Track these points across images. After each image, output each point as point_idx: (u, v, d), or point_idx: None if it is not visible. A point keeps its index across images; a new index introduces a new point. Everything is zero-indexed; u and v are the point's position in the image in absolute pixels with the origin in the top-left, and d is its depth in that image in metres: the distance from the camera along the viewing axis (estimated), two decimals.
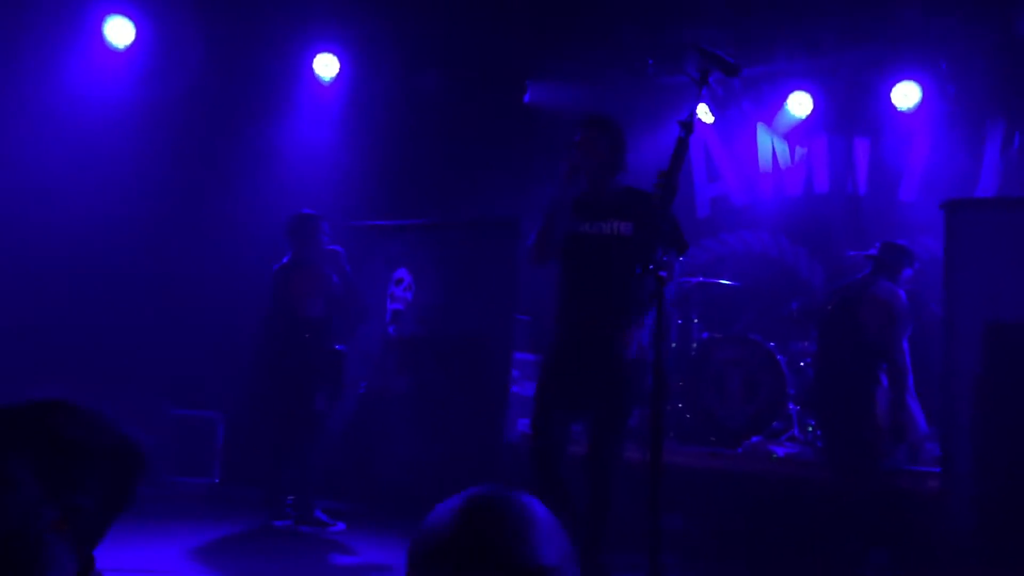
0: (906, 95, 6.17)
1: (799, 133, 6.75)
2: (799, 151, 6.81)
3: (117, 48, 6.17)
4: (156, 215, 6.30)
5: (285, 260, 5.21)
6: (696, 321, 6.04)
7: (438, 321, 6.08)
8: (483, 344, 5.84)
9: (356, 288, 5.38)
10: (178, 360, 6.24)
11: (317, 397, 5.12)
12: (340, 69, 6.78)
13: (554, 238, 3.63)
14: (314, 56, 6.72)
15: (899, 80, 6.17)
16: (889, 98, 6.23)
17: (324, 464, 5.38)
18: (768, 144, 6.89)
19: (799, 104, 6.56)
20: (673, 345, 5.89)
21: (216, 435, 6.34)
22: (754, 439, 5.27)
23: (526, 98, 7.27)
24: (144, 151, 6.21)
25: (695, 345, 5.92)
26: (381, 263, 6.37)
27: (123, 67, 6.24)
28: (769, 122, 6.82)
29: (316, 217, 5.23)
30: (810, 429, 5.37)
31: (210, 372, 6.28)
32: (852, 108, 6.50)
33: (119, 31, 6.15)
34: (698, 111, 2.83)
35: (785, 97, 6.59)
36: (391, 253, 6.39)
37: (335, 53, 6.75)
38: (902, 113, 6.24)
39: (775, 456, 5.09)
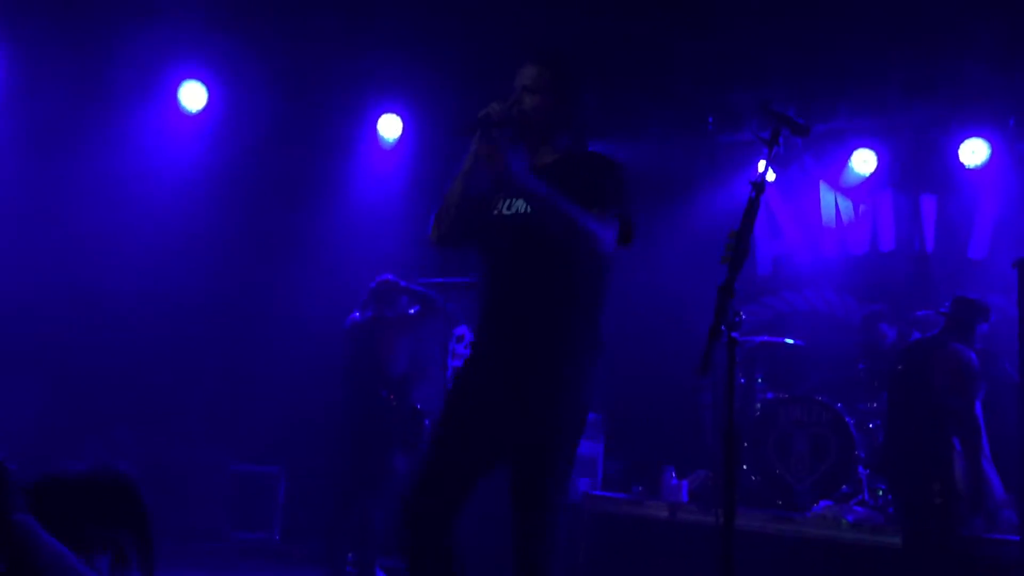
0: (974, 152, 6.07)
1: (863, 190, 6.67)
2: (863, 208, 6.73)
3: (190, 112, 6.38)
4: (225, 274, 6.44)
5: (367, 315, 5.28)
6: (760, 381, 5.95)
7: None
8: None
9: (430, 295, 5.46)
10: (240, 415, 6.32)
11: (395, 456, 5.14)
12: (403, 129, 6.91)
13: (463, 209, 2.74)
14: (378, 117, 6.86)
15: (966, 137, 6.08)
16: (956, 155, 6.13)
17: (385, 521, 5.36)
18: (831, 201, 6.82)
19: (863, 161, 6.49)
20: (737, 406, 5.80)
21: (277, 490, 6.37)
22: (822, 503, 5.13)
23: None
24: (216, 213, 6.37)
25: (759, 406, 5.82)
26: (442, 321, 6.41)
27: (196, 131, 6.44)
28: (832, 179, 6.76)
29: (397, 282, 5.36)
30: (880, 493, 5.22)
31: (272, 427, 6.34)
32: (918, 165, 6.41)
33: (193, 96, 6.37)
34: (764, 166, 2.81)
35: (849, 154, 6.53)
36: (452, 311, 6.42)
37: (398, 113, 6.88)
38: (970, 170, 6.14)
39: (845, 521, 4.95)
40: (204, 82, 6.36)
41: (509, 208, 2.72)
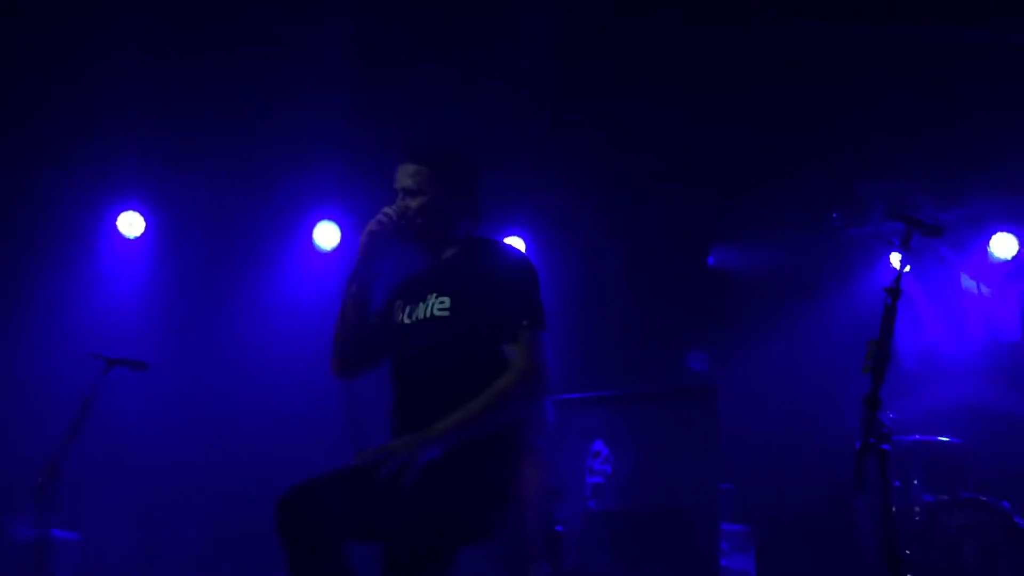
0: None
1: (1007, 275, 6.39)
2: (1008, 294, 6.43)
3: (324, 250, 6.73)
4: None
5: None
6: (917, 483, 5.64)
7: (639, 494, 5.95)
8: (688, 516, 5.66)
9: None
10: None
11: None
12: (526, 249, 7.04)
13: (352, 333, 2.70)
14: (502, 239, 7.02)
15: None
16: None
17: None
18: (973, 289, 6.55)
19: (1003, 246, 6.25)
20: (893, 510, 5.50)
21: None
22: None
23: (710, 261, 7.28)
24: None
25: (918, 509, 5.50)
26: (577, 436, 6.37)
27: (330, 267, 6.77)
28: (972, 266, 6.51)
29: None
30: None
31: None
32: None
33: (327, 236, 6.72)
34: (897, 266, 2.75)
35: (987, 240, 6.30)
36: (587, 425, 6.38)
37: (521, 236, 7.04)
38: None
39: None
40: (338, 223, 6.72)
41: (410, 316, 2.66)
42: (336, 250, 6.75)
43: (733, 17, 5.14)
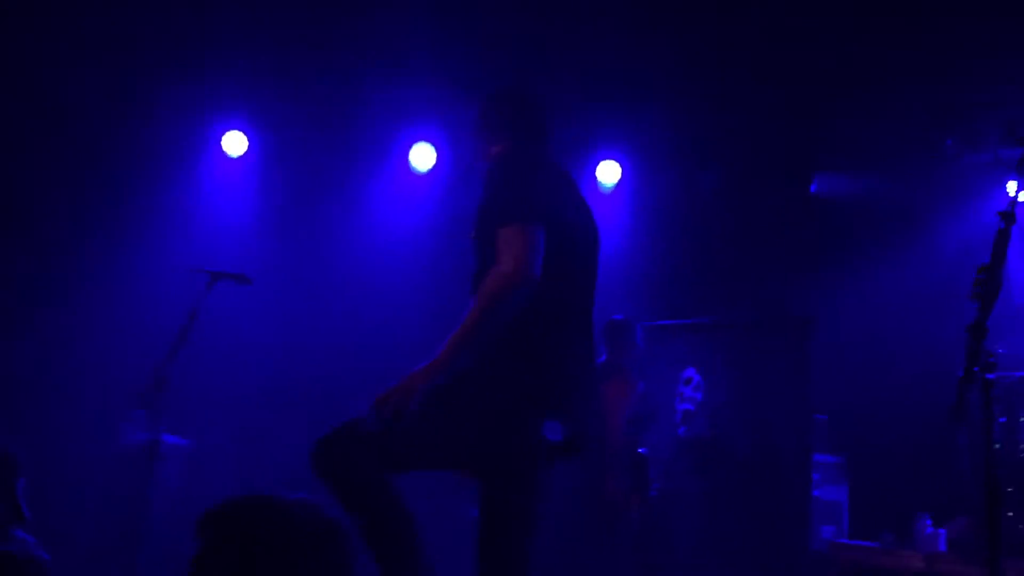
0: None
1: None
2: None
3: (420, 173, 6.76)
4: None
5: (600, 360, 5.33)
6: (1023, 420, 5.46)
7: (730, 422, 5.92)
8: (780, 446, 5.61)
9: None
10: None
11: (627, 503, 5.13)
12: (623, 174, 6.96)
13: None
14: (597, 163, 6.94)
15: None
16: None
17: (618, 566, 5.33)
18: None
19: None
20: (997, 447, 5.33)
21: None
22: None
23: (812, 188, 7.06)
24: (442, 272, 6.63)
25: (1023, 447, 5.33)
26: (669, 363, 6.34)
27: (424, 190, 6.81)
28: None
29: (630, 322, 5.34)
30: None
31: None
32: None
33: (423, 157, 6.73)
34: (1014, 193, 2.62)
35: None
36: (679, 353, 6.35)
37: (618, 159, 6.94)
38: None
39: None
40: (434, 144, 6.72)
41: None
42: (431, 171, 6.78)
43: None
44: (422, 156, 6.75)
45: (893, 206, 6.48)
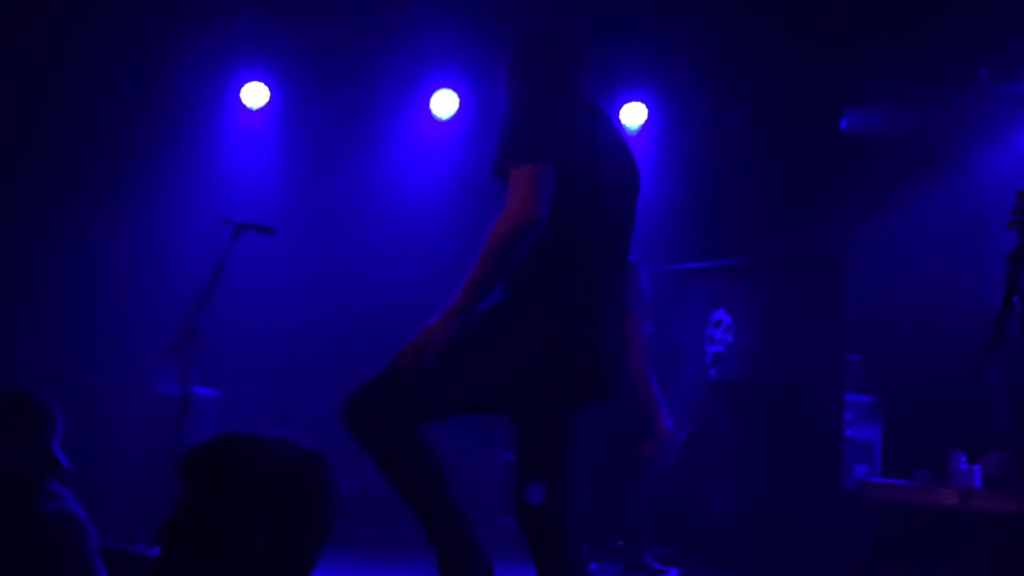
0: None
1: None
2: None
3: (441, 120, 6.70)
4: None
5: None
6: None
7: (762, 363, 5.87)
8: (812, 387, 5.56)
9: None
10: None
11: (639, 446, 5.12)
12: (648, 116, 6.85)
13: None
14: (621, 105, 6.84)
15: None
16: None
17: (652, 509, 5.34)
18: None
19: None
20: None
21: None
22: None
23: (842, 125, 6.91)
24: (464, 219, 6.60)
25: None
26: (697, 305, 6.28)
27: (446, 137, 6.75)
28: None
29: (634, 265, 5.26)
30: None
31: None
32: None
33: (445, 104, 6.67)
34: None
35: None
36: (708, 294, 6.28)
37: (643, 101, 6.83)
38: None
39: None
40: (457, 91, 6.65)
41: None
42: (453, 118, 6.71)
43: None
44: (444, 103, 6.68)
45: (926, 140, 6.34)
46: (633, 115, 6.84)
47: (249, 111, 6.60)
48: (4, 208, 5.99)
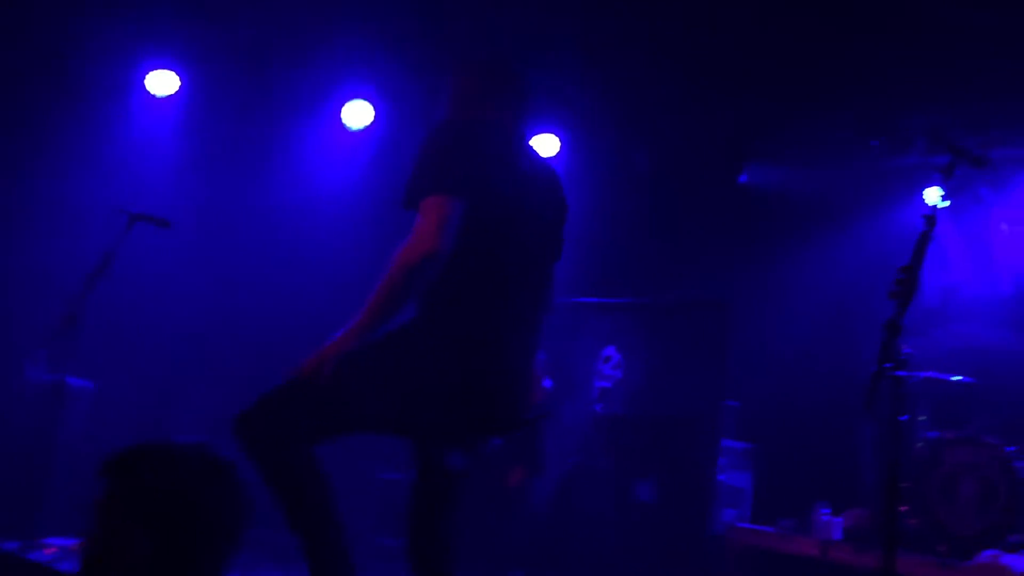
0: None
1: None
2: None
3: (353, 130, 6.66)
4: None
5: None
6: (923, 419, 5.65)
7: (646, 402, 6.00)
8: (691, 427, 5.72)
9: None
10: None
11: (511, 473, 5.17)
12: (559, 148, 6.95)
13: None
14: (533, 135, 6.92)
15: None
16: None
17: (528, 537, 5.39)
18: (1005, 232, 6.43)
19: None
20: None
21: None
22: (988, 552, 4.81)
23: (742, 178, 7.17)
24: (364, 227, 6.55)
25: (921, 444, 5.52)
26: (590, 339, 6.40)
27: (358, 148, 6.71)
28: (1008, 209, 6.37)
29: None
30: None
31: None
32: None
33: (357, 114, 6.62)
34: (935, 200, 2.69)
35: None
36: (600, 330, 6.41)
37: (555, 133, 6.93)
38: None
39: (1013, 572, 4.63)
40: (371, 101, 6.61)
41: None
42: (366, 130, 6.67)
43: None
44: (357, 113, 6.63)
45: (820, 202, 6.61)
46: (545, 146, 6.93)
47: (155, 99, 6.42)
48: None
